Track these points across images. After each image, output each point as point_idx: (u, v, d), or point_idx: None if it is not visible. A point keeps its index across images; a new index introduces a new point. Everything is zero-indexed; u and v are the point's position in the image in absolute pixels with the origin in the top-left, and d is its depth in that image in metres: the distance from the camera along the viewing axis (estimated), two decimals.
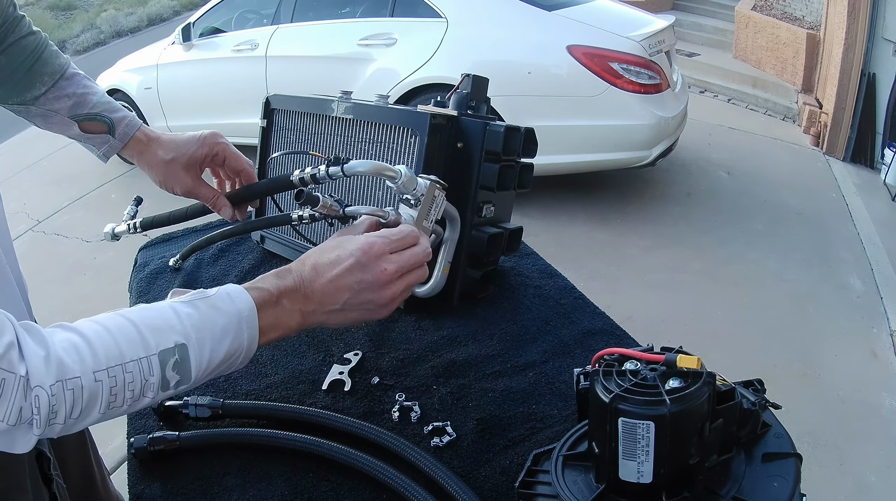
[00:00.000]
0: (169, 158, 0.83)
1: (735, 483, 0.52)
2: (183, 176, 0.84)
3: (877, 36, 4.54)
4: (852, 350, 2.58)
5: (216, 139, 0.85)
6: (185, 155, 0.83)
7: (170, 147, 0.83)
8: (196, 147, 0.84)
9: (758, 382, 0.61)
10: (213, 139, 0.85)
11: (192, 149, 0.83)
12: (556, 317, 0.99)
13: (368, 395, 0.84)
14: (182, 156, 0.83)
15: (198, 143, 0.84)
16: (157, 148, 0.84)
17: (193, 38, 4.49)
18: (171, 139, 0.84)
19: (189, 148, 0.83)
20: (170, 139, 0.85)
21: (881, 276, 3.15)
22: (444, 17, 3.55)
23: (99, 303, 2.94)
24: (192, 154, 0.83)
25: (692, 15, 7.68)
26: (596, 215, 3.65)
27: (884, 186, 4.23)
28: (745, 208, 3.80)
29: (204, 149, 0.84)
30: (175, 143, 0.84)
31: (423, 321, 0.98)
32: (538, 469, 0.63)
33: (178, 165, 0.84)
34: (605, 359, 0.56)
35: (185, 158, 0.83)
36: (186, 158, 0.83)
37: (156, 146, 0.84)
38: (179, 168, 0.84)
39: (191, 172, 0.84)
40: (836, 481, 1.95)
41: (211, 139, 0.85)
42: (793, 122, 5.53)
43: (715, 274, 3.12)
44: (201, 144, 0.84)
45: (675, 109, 3.52)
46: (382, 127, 0.98)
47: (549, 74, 3.37)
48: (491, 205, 0.98)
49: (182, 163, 0.84)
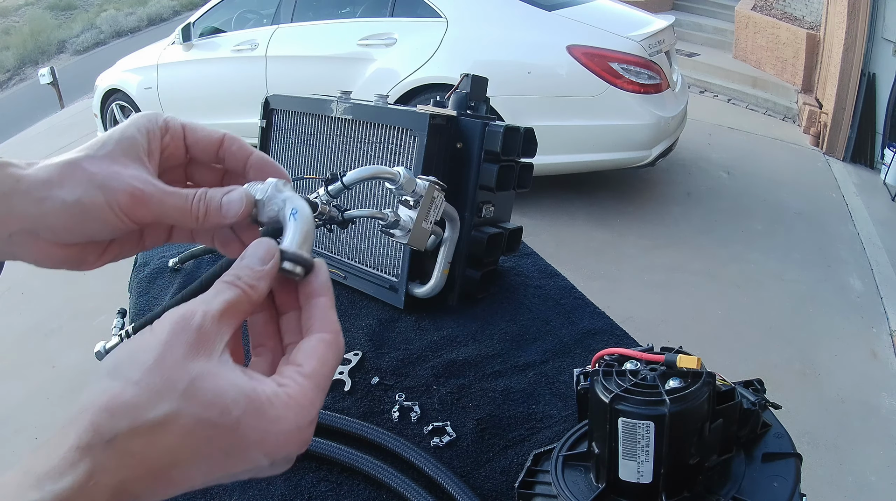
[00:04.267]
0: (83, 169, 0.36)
1: (735, 483, 0.52)
2: (131, 187, 0.36)
3: (877, 36, 4.54)
4: (852, 350, 2.58)
5: (156, 118, 0.40)
6: (116, 149, 0.37)
7: (56, 167, 0.36)
8: (124, 134, 0.38)
9: (758, 382, 0.61)
10: (149, 118, 0.40)
11: (121, 138, 0.38)
12: (556, 317, 0.99)
13: (368, 395, 0.84)
14: (106, 153, 0.37)
15: (127, 128, 0.38)
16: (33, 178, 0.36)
17: (193, 38, 4.49)
18: (46, 165, 0.36)
19: (111, 144, 0.37)
20: (44, 166, 0.36)
21: (881, 276, 3.15)
22: (443, 17, 3.55)
23: (99, 303, 2.94)
24: (126, 143, 0.38)
25: (692, 15, 7.68)
26: (596, 215, 3.65)
27: (884, 186, 4.23)
28: (744, 207, 3.80)
29: (141, 132, 0.39)
30: (65, 161, 0.36)
31: (423, 321, 0.98)
32: (538, 469, 0.63)
33: (109, 172, 0.36)
34: (604, 359, 0.56)
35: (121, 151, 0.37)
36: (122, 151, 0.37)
37: (25, 178, 0.36)
38: (117, 176, 0.36)
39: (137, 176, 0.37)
40: (836, 481, 1.95)
41: (146, 118, 0.40)
42: (793, 122, 5.53)
43: (715, 274, 3.12)
44: (129, 131, 0.38)
45: (675, 109, 3.52)
46: (382, 127, 0.98)
47: (548, 73, 3.37)
48: (490, 205, 0.98)
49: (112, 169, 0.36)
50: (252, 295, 0.33)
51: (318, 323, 0.35)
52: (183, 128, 0.41)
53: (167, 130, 0.40)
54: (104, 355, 0.93)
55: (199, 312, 0.31)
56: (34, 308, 3.07)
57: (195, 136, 0.41)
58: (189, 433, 0.29)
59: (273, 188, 0.38)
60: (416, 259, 0.97)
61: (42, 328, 2.93)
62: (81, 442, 0.28)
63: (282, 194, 0.37)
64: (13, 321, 3.01)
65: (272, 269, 0.34)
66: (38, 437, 2.24)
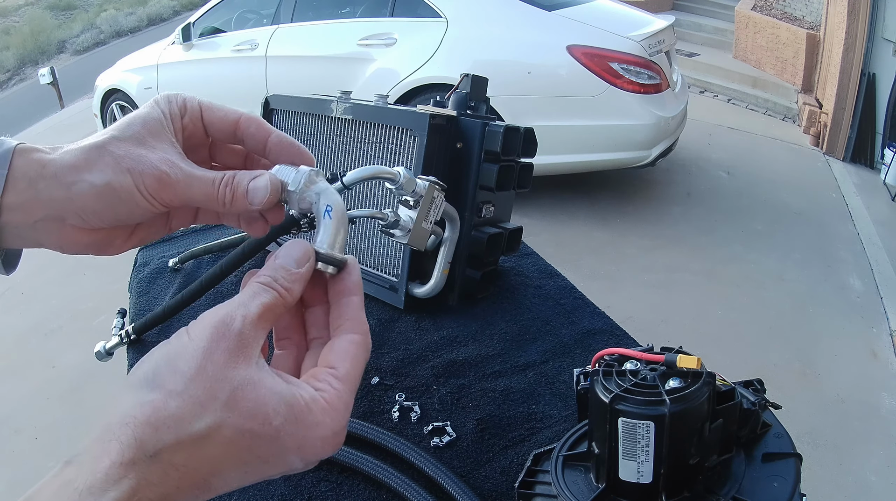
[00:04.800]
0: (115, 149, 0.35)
1: (735, 483, 0.52)
2: (167, 163, 0.36)
3: (877, 36, 4.54)
4: (852, 350, 2.59)
5: (175, 98, 0.39)
6: (144, 131, 0.36)
7: (83, 151, 0.35)
8: (148, 115, 0.37)
9: (758, 382, 0.61)
10: (169, 99, 0.39)
11: (146, 120, 0.37)
12: (556, 317, 0.99)
13: (368, 395, 0.83)
14: (134, 134, 0.36)
15: (152, 110, 0.38)
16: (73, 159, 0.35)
17: (193, 38, 4.49)
18: (77, 147, 0.36)
19: (137, 126, 0.36)
20: (74, 148, 0.36)
21: (881, 276, 3.15)
22: (443, 17, 3.55)
23: (99, 303, 2.94)
24: (152, 125, 0.37)
25: (692, 15, 7.68)
26: (596, 215, 3.65)
27: (884, 186, 4.24)
28: (744, 207, 3.80)
29: (159, 111, 0.38)
30: (99, 141, 0.36)
31: (423, 320, 0.98)
32: (538, 469, 0.63)
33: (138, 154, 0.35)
34: (604, 359, 0.56)
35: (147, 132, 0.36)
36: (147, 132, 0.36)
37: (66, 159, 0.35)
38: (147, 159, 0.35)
39: (168, 154, 0.37)
40: (836, 481, 1.95)
41: (167, 100, 0.39)
42: (793, 122, 5.53)
43: (715, 274, 3.12)
44: (154, 113, 0.37)
45: (675, 109, 3.52)
46: (382, 127, 0.98)
47: (548, 73, 3.37)
48: (490, 205, 0.98)
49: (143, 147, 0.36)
50: (287, 298, 0.33)
51: (349, 323, 0.35)
52: (200, 108, 0.39)
53: (186, 110, 0.39)
54: (104, 355, 0.93)
55: (239, 316, 0.31)
56: (34, 308, 3.06)
57: (212, 116, 0.39)
58: (231, 443, 0.29)
59: (306, 179, 0.37)
60: (416, 259, 0.97)
61: (42, 328, 2.93)
62: (125, 458, 0.27)
63: (315, 185, 0.37)
64: (13, 321, 3.01)
65: (307, 272, 0.34)
66: (38, 437, 2.24)
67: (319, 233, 0.36)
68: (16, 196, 0.34)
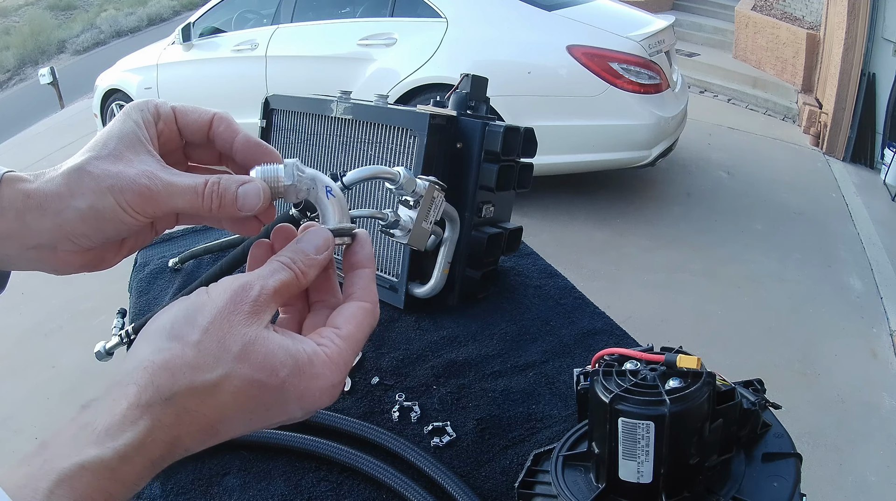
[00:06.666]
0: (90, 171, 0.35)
1: (735, 483, 0.52)
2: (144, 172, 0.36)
3: (877, 36, 4.54)
4: (852, 350, 2.58)
5: (146, 106, 0.39)
6: (116, 137, 0.37)
7: (63, 177, 0.35)
8: (122, 123, 0.38)
9: (758, 382, 0.61)
10: (141, 108, 0.39)
11: (120, 135, 0.37)
12: (556, 317, 0.99)
13: (368, 395, 0.84)
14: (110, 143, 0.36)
15: (125, 123, 0.38)
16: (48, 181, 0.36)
17: (193, 38, 4.49)
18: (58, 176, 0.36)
19: (113, 142, 0.36)
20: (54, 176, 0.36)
21: (881, 276, 3.15)
22: (443, 18, 3.55)
23: (98, 303, 2.94)
24: (128, 138, 0.37)
25: (692, 15, 7.68)
26: (596, 215, 3.65)
27: (884, 186, 4.24)
28: (744, 207, 3.80)
29: (132, 122, 0.38)
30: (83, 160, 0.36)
31: (423, 321, 0.98)
32: (538, 469, 0.63)
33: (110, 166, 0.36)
34: (605, 359, 0.56)
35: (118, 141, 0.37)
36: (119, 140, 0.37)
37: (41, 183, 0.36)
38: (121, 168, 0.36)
39: (144, 160, 0.37)
40: (836, 481, 1.95)
41: (138, 108, 0.39)
42: (793, 122, 5.53)
43: (715, 274, 3.12)
44: (127, 126, 0.37)
45: (674, 109, 3.52)
46: (382, 127, 0.98)
47: (548, 74, 3.37)
48: (490, 205, 0.98)
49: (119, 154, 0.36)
50: (302, 280, 0.36)
51: (360, 292, 0.38)
52: (174, 112, 0.40)
53: (160, 116, 0.39)
54: (104, 355, 0.93)
55: (258, 286, 0.33)
56: (34, 308, 3.06)
57: (186, 119, 0.40)
58: (239, 393, 0.32)
59: (295, 169, 0.37)
60: (416, 259, 0.97)
61: (42, 328, 2.93)
62: (141, 400, 0.29)
63: (305, 173, 0.38)
64: (13, 321, 3.01)
65: (324, 260, 0.37)
66: (37, 437, 2.24)
67: (328, 213, 0.38)
68: (6, 226, 0.35)
